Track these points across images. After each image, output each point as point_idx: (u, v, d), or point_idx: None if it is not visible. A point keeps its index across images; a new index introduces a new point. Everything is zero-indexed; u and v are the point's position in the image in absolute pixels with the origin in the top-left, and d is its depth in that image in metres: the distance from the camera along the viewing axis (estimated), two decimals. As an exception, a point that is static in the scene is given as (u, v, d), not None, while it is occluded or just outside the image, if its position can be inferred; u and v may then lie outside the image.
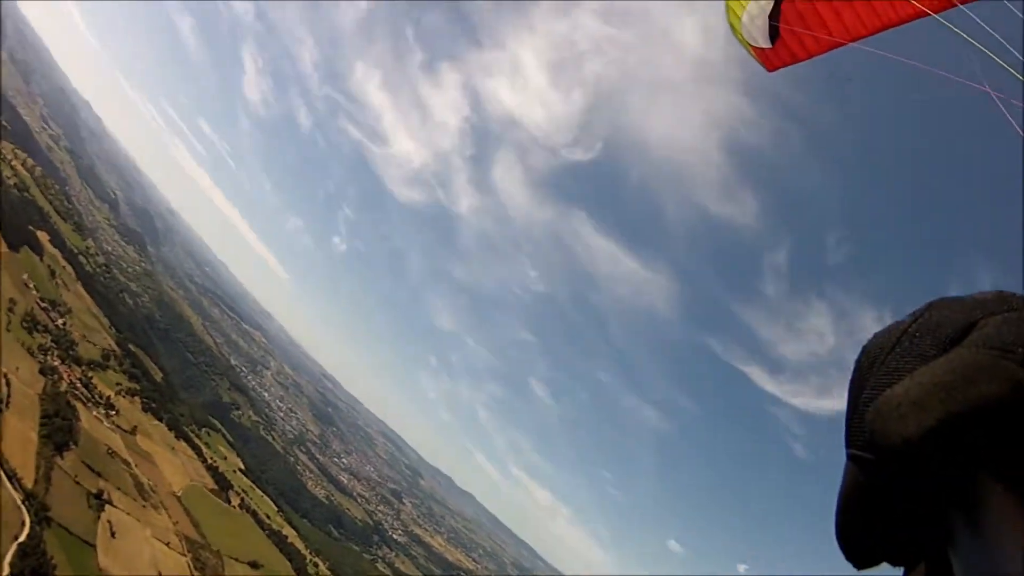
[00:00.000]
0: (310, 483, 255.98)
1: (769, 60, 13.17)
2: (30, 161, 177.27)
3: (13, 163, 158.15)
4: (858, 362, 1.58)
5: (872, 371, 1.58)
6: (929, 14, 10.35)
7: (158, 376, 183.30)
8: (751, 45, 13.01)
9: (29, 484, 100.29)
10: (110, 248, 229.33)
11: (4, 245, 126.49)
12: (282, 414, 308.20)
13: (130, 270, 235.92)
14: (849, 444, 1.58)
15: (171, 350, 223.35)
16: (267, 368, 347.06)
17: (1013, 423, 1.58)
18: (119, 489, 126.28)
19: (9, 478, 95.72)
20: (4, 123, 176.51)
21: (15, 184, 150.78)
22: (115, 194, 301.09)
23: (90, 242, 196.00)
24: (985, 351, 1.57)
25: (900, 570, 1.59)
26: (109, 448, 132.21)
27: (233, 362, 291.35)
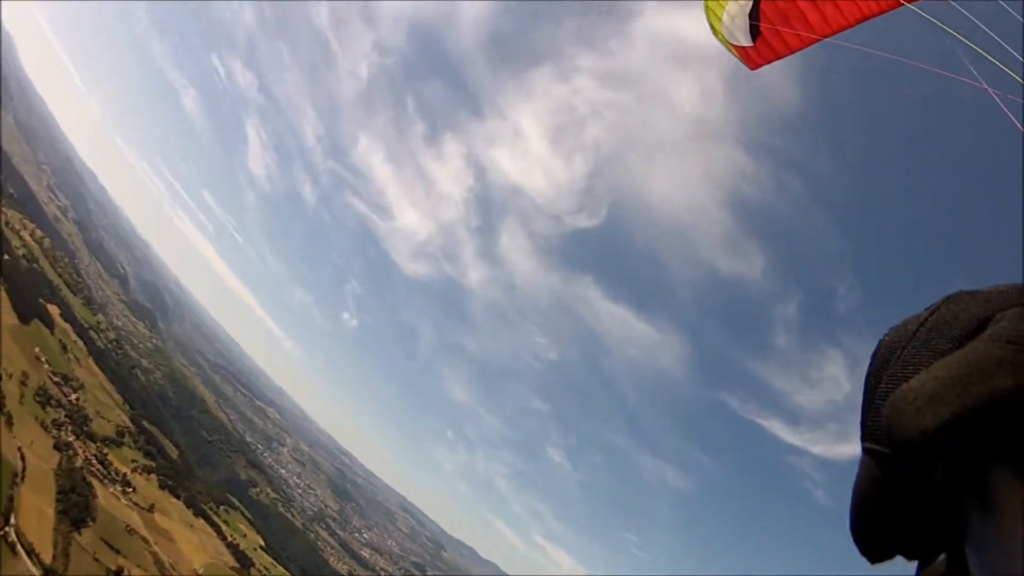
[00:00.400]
0: (332, 559, 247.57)
1: (751, 59, 13.14)
2: (38, 232, 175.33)
3: (21, 233, 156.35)
4: (874, 356, 1.58)
5: (888, 365, 1.58)
6: (906, 2, 10.36)
7: (174, 453, 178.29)
8: (732, 44, 13.06)
9: (47, 559, 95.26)
10: (120, 323, 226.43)
11: (15, 317, 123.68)
12: (300, 491, 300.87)
13: (141, 346, 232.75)
14: (864, 438, 1.58)
15: (185, 427, 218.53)
16: (283, 445, 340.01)
17: None
18: (139, 567, 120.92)
19: (27, 552, 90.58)
20: (12, 191, 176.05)
21: (24, 255, 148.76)
22: (124, 269, 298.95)
23: (101, 317, 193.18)
24: (1001, 345, 1.57)
25: (914, 564, 1.59)
26: (127, 525, 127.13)
27: (248, 439, 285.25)
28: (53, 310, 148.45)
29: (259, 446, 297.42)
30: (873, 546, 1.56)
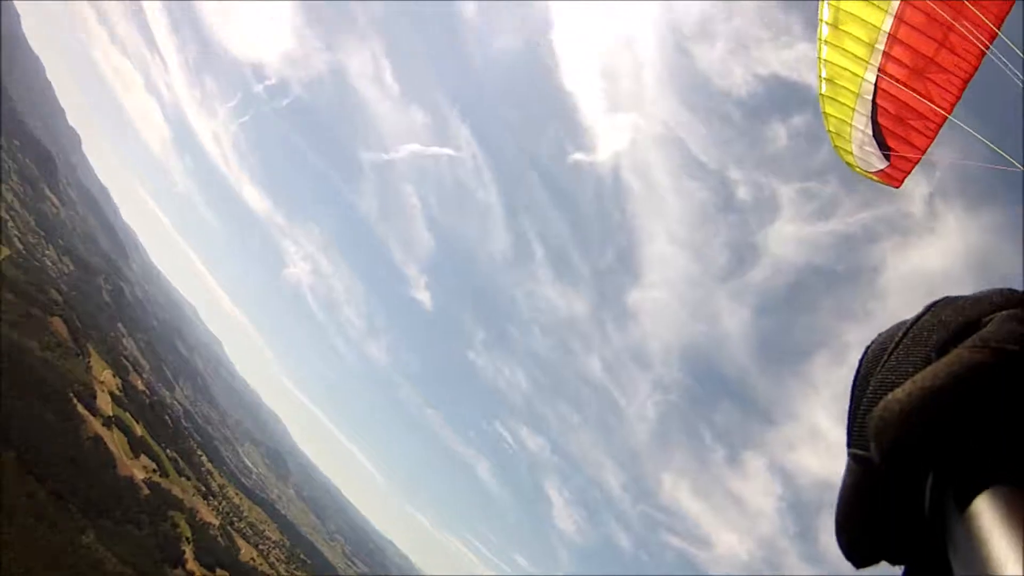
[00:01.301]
0: None
1: (892, 178, 13.36)
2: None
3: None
4: (861, 362, 1.52)
5: (874, 371, 1.52)
6: (995, 30, 10.68)
7: None
8: (871, 173, 13.39)
9: None
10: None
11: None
12: None
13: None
14: (851, 444, 1.52)
15: None
16: None
17: (1013, 423, 1.52)
18: None
19: None
20: (303, 556, 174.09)
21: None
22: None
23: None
24: (986, 351, 1.50)
25: (899, 569, 1.53)
26: None
27: None
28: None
29: None
30: (859, 550, 1.50)
